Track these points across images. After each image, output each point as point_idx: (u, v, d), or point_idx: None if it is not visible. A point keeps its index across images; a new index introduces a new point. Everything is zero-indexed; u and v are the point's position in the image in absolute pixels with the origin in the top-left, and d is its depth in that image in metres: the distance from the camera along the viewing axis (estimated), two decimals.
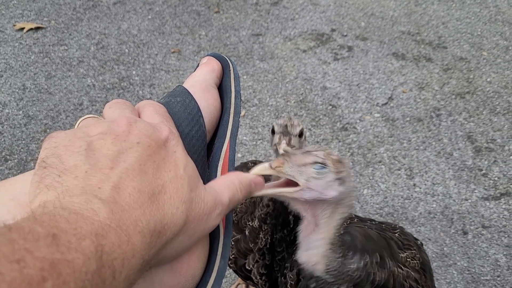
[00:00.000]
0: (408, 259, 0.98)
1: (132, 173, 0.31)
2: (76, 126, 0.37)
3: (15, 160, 2.20)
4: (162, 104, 0.40)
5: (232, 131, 0.43)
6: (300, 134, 1.01)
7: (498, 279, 1.72)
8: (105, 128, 0.33)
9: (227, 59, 0.47)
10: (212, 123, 0.43)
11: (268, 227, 1.18)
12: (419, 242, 1.17)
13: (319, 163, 0.70)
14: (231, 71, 0.47)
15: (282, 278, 1.19)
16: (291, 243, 1.20)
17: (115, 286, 0.26)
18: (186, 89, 0.43)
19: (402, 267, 0.95)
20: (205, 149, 0.41)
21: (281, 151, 0.97)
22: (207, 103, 0.43)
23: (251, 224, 1.21)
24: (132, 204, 0.29)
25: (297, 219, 1.20)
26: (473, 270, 1.75)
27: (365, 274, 0.86)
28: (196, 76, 0.46)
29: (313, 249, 0.79)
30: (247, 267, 1.26)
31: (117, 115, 0.36)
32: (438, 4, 3.35)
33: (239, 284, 1.71)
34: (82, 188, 0.29)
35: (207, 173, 0.39)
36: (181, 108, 0.41)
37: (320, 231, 0.77)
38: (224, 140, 0.42)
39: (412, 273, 0.97)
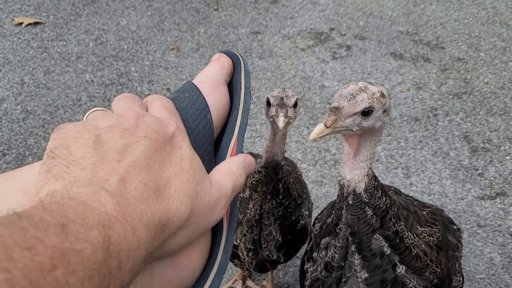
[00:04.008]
0: (424, 234, 1.03)
1: (138, 167, 0.31)
2: (84, 119, 0.37)
3: (13, 155, 2.20)
4: (170, 99, 0.41)
5: (240, 127, 0.43)
6: (295, 105, 1.05)
7: (493, 277, 1.73)
8: (113, 121, 0.34)
9: (239, 56, 0.48)
10: (220, 119, 0.44)
11: (258, 196, 1.20)
12: (455, 227, 1.19)
13: (368, 107, 0.78)
14: (242, 68, 0.47)
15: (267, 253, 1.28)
16: (279, 219, 1.25)
17: (121, 276, 0.26)
18: (194, 85, 0.43)
19: (414, 235, 0.99)
20: (212, 144, 0.41)
21: (280, 124, 1.01)
22: (215, 99, 0.43)
23: (241, 195, 1.23)
24: (137, 197, 0.30)
25: (286, 190, 1.23)
26: (468, 268, 1.76)
27: (385, 208, 0.93)
28: (206, 72, 0.46)
29: (357, 170, 0.89)
30: (234, 243, 1.28)
31: (125, 109, 0.37)
32: (437, 4, 3.36)
33: (236, 280, 1.72)
34: (89, 179, 0.29)
35: (214, 168, 0.40)
36: (188, 104, 0.41)
37: (362, 154, 0.88)
38: (232, 136, 0.42)
39: (423, 245, 1.00)
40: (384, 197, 0.93)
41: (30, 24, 3.08)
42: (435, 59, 2.84)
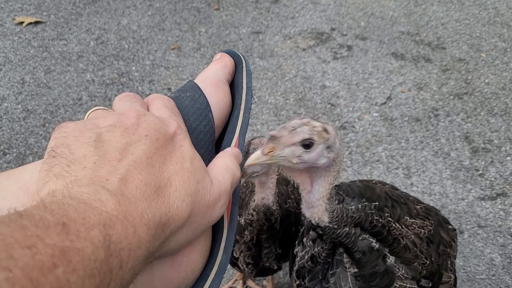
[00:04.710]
0: (414, 225, 1.02)
1: (139, 166, 0.31)
2: (85, 118, 0.37)
3: (14, 154, 2.20)
4: (171, 98, 0.41)
5: (241, 127, 0.43)
6: None
7: (493, 278, 1.73)
8: (114, 120, 0.34)
9: (241, 55, 0.47)
10: (221, 119, 0.43)
11: (254, 229, 1.19)
12: (450, 227, 1.18)
13: (307, 139, 0.76)
14: (244, 68, 0.47)
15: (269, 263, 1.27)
16: (279, 239, 1.25)
17: (121, 275, 0.26)
18: (196, 84, 0.43)
19: (403, 226, 0.98)
20: (213, 144, 0.41)
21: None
22: (217, 98, 0.43)
23: (237, 219, 1.22)
24: (138, 196, 0.30)
25: (285, 220, 1.21)
26: (469, 269, 1.76)
27: (364, 215, 0.92)
28: (207, 71, 0.46)
29: (314, 207, 0.87)
30: (234, 255, 1.27)
31: (126, 108, 0.37)
32: (438, 5, 3.35)
33: (236, 280, 1.72)
34: (90, 178, 0.29)
35: (209, 165, 0.40)
36: (190, 103, 0.41)
37: (317, 192, 0.86)
38: (233, 136, 0.42)
39: (413, 236, 1.00)
40: (356, 214, 0.92)
41: (31, 23, 3.08)
42: (436, 60, 2.83)
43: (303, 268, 1.07)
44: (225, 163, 0.38)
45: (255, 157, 0.77)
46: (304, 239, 1.09)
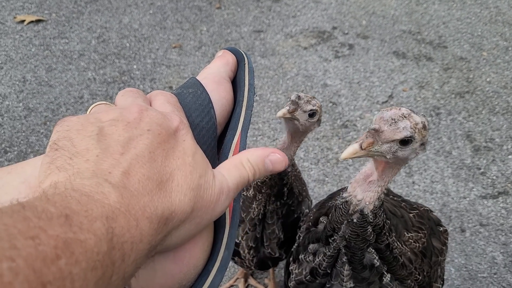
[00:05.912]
0: (410, 240, 1.02)
1: (141, 160, 0.31)
2: (88, 112, 0.37)
3: (15, 152, 2.20)
4: (173, 94, 0.41)
5: (243, 124, 0.43)
6: (311, 114, 1.02)
7: (495, 276, 1.73)
8: (117, 114, 0.34)
9: (243, 53, 0.48)
10: (223, 116, 0.43)
11: (262, 197, 1.20)
12: (441, 229, 1.18)
13: (408, 137, 0.73)
14: (246, 65, 0.47)
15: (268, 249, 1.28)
16: (283, 217, 1.25)
17: (123, 268, 0.26)
18: (198, 81, 0.43)
19: (402, 243, 0.98)
20: (215, 140, 0.41)
21: (277, 114, 1.00)
22: (219, 95, 0.43)
23: (245, 194, 1.23)
24: (141, 190, 0.30)
25: (291, 192, 1.22)
26: (470, 267, 1.76)
27: (382, 224, 0.92)
28: (210, 68, 0.46)
29: (371, 192, 0.87)
30: (235, 240, 1.28)
31: (129, 102, 0.37)
32: (439, 4, 3.35)
33: (237, 278, 1.72)
34: (93, 171, 0.29)
35: (217, 164, 0.40)
36: (192, 99, 0.41)
37: (382, 180, 0.85)
38: (235, 133, 0.42)
39: (409, 252, 1.00)
40: (383, 215, 0.92)
41: (32, 21, 3.08)
42: (438, 58, 2.83)
43: (300, 284, 1.07)
44: (240, 160, 0.38)
45: (352, 151, 0.74)
46: (301, 256, 1.08)
